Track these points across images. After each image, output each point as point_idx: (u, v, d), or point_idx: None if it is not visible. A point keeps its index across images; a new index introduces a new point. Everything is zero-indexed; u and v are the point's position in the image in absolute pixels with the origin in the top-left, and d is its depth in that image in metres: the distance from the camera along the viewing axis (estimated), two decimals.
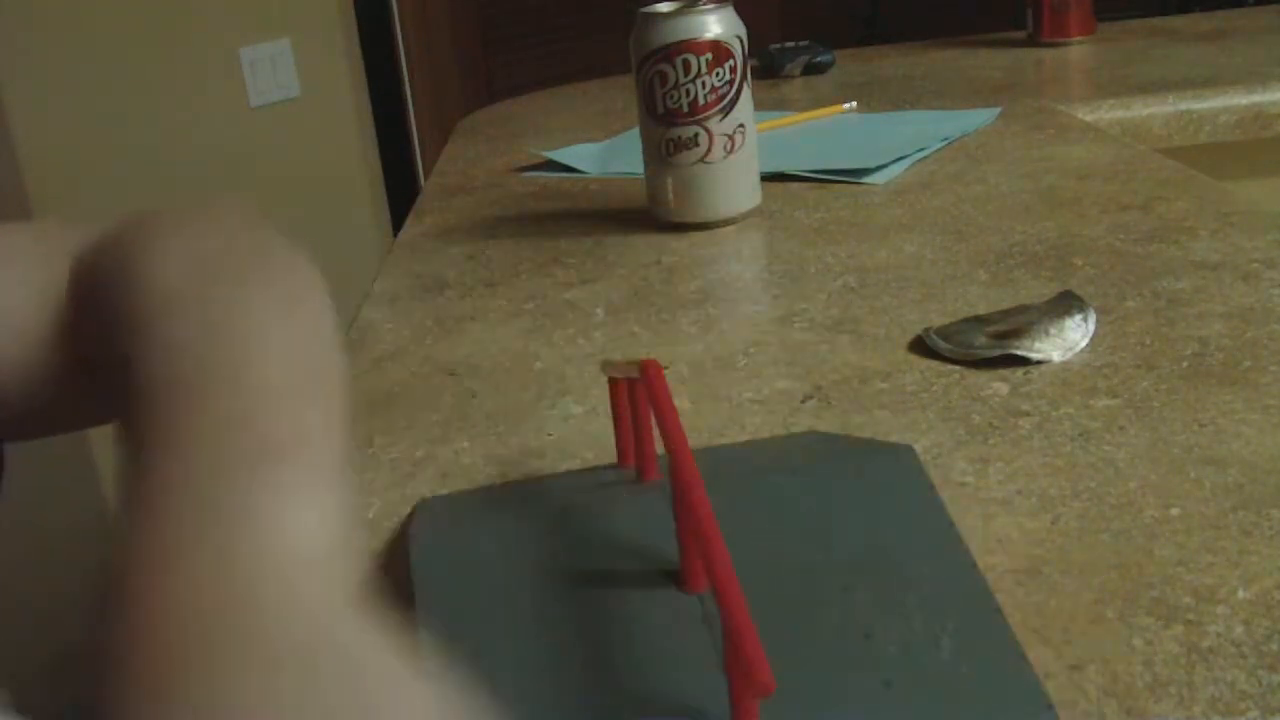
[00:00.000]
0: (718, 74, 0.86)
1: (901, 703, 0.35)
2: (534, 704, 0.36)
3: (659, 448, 0.52)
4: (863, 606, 0.38)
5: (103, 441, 2.23)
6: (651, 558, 0.41)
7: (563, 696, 0.36)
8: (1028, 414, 0.55)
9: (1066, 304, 0.64)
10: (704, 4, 0.86)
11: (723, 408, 0.60)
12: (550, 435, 0.59)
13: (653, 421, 0.46)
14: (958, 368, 0.61)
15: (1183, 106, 1.15)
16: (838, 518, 0.41)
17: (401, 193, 2.32)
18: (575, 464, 0.56)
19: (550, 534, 0.43)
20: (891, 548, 0.40)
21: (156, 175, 2.17)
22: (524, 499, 0.50)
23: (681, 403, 0.61)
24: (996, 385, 0.59)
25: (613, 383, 0.50)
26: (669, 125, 0.88)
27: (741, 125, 0.88)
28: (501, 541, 0.43)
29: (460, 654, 0.38)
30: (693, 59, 0.86)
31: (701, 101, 0.86)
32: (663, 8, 0.87)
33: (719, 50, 0.86)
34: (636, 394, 0.46)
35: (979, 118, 1.12)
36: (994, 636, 0.37)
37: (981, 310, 0.67)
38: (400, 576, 0.48)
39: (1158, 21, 1.59)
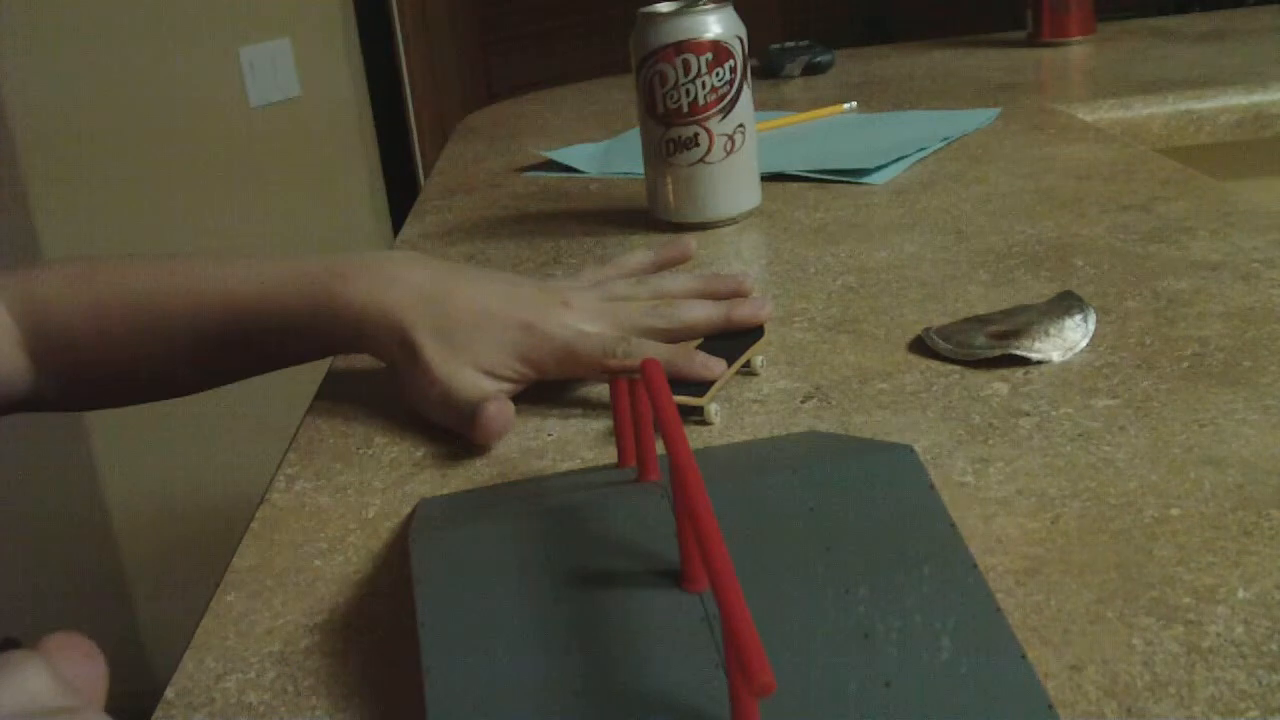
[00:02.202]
0: (718, 74, 0.86)
1: (901, 703, 0.35)
2: (534, 704, 0.36)
3: (659, 448, 0.52)
4: (862, 606, 0.38)
5: (103, 441, 2.23)
6: (652, 557, 0.41)
7: (563, 696, 0.36)
8: (1028, 414, 0.55)
9: (1066, 304, 0.64)
10: (704, 4, 0.86)
11: (723, 408, 0.60)
12: (550, 435, 0.59)
13: (653, 421, 0.46)
14: (958, 368, 0.61)
15: (1183, 106, 1.15)
16: (837, 517, 0.41)
17: (401, 193, 2.32)
18: (575, 464, 0.56)
19: (550, 534, 0.43)
20: (891, 548, 0.40)
21: (157, 175, 2.17)
22: (523, 499, 0.50)
23: None
24: (996, 385, 0.59)
25: (613, 383, 0.50)
26: (669, 125, 0.88)
27: (741, 125, 0.88)
28: (501, 541, 0.43)
29: (461, 654, 0.38)
30: (693, 59, 0.86)
31: (701, 101, 0.86)
32: (663, 8, 0.87)
33: (719, 50, 0.86)
34: (637, 394, 0.46)
35: (979, 118, 1.12)
36: (994, 637, 0.37)
37: (981, 310, 0.67)
38: (400, 577, 0.48)
39: (1158, 21, 1.59)
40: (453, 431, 0.60)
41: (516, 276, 0.65)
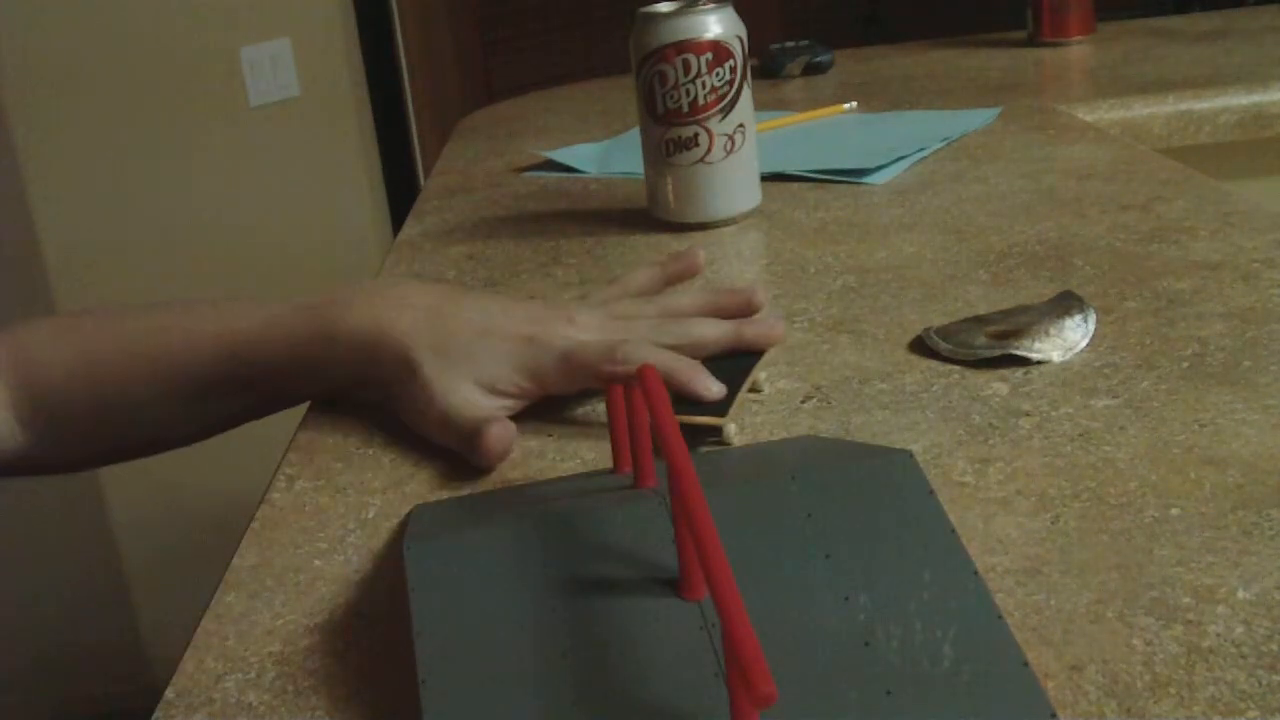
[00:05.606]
0: (718, 74, 0.86)
1: (903, 712, 0.34)
2: (531, 715, 0.36)
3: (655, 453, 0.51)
4: (863, 614, 0.38)
5: None
6: (649, 565, 0.41)
7: (560, 705, 0.36)
8: (1028, 414, 0.55)
9: (1066, 304, 0.64)
10: (704, 4, 0.86)
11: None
12: (550, 435, 0.59)
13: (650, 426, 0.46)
14: (958, 368, 0.61)
15: (1183, 106, 1.15)
16: (836, 524, 0.41)
17: (401, 193, 2.32)
18: (575, 464, 0.56)
19: (546, 541, 0.42)
20: (891, 554, 0.40)
21: (156, 175, 2.17)
22: (518, 505, 0.50)
23: None
24: (996, 385, 0.59)
25: (609, 388, 0.50)
26: (669, 125, 0.88)
27: (741, 125, 0.88)
28: (496, 549, 0.42)
29: (457, 664, 0.38)
30: (693, 59, 0.85)
31: (701, 101, 0.86)
32: (663, 8, 0.87)
33: (719, 50, 0.86)
34: (633, 399, 0.46)
35: (979, 118, 1.12)
36: (996, 645, 0.36)
37: (981, 310, 0.67)
38: (395, 582, 0.48)
39: (1158, 21, 1.59)
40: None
41: (524, 299, 0.64)
